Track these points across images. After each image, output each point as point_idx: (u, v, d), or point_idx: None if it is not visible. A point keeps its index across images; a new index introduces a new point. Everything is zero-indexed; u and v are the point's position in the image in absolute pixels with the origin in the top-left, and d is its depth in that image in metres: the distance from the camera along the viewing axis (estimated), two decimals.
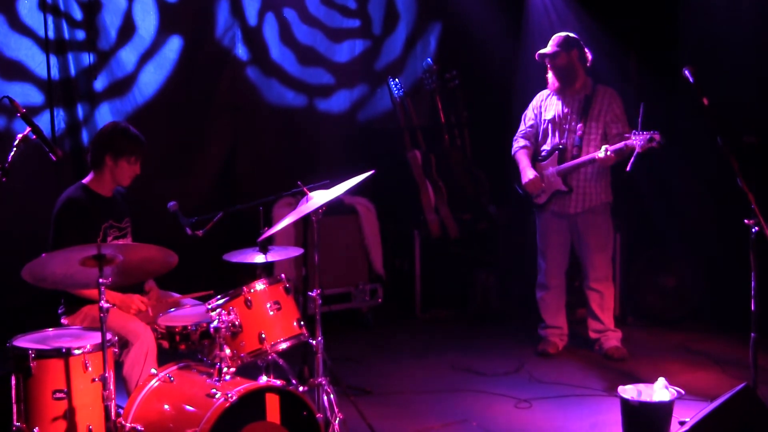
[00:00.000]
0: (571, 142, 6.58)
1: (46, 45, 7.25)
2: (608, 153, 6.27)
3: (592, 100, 6.56)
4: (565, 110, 6.63)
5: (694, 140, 7.82)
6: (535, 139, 6.82)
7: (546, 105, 6.75)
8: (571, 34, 6.63)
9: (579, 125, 6.55)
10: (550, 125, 6.69)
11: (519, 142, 6.87)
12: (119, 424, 4.40)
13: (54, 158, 4.52)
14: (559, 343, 6.92)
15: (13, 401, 4.37)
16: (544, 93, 6.80)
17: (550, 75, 6.67)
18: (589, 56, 6.61)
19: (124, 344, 4.85)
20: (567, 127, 6.60)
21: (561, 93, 6.66)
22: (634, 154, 6.15)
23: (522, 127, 6.89)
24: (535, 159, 6.77)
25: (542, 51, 6.62)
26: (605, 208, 6.72)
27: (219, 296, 4.68)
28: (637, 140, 6.14)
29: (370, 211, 8.01)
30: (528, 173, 6.71)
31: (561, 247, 6.81)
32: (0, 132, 7.07)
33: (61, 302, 5.14)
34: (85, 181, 5.24)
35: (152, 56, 7.74)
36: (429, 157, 8.38)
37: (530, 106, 6.88)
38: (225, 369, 4.46)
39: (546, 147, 6.71)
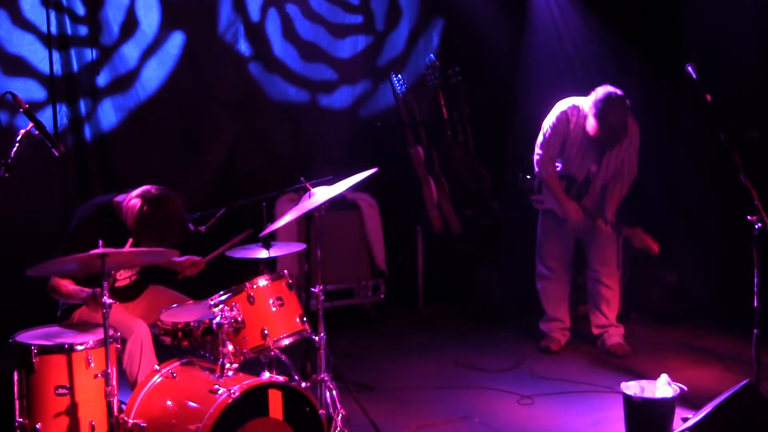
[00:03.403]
0: (582, 177, 6.51)
1: (48, 40, 7.26)
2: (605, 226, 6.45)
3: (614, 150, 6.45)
4: (586, 145, 6.45)
5: (696, 136, 7.82)
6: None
7: (571, 136, 6.45)
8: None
9: (593, 166, 6.49)
10: (568, 155, 6.52)
11: (548, 168, 6.53)
12: (122, 420, 4.40)
13: (57, 154, 4.52)
14: (561, 339, 6.90)
15: (16, 397, 4.38)
16: (570, 116, 6.43)
17: (595, 121, 6.28)
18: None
19: (122, 341, 4.84)
20: (584, 163, 6.50)
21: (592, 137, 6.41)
22: None
23: (547, 148, 6.52)
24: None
25: (625, 99, 6.29)
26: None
27: (221, 292, 4.68)
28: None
29: (372, 207, 8.01)
30: (569, 207, 6.51)
31: (562, 237, 6.77)
32: (2, 127, 7.07)
33: (59, 305, 5.10)
34: (117, 199, 4.94)
35: (155, 52, 7.74)
36: (431, 153, 8.37)
37: (554, 127, 6.46)
38: (228, 365, 4.46)
39: (561, 170, 6.58)
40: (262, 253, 5.02)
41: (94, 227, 4.82)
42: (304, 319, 4.83)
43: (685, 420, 4.76)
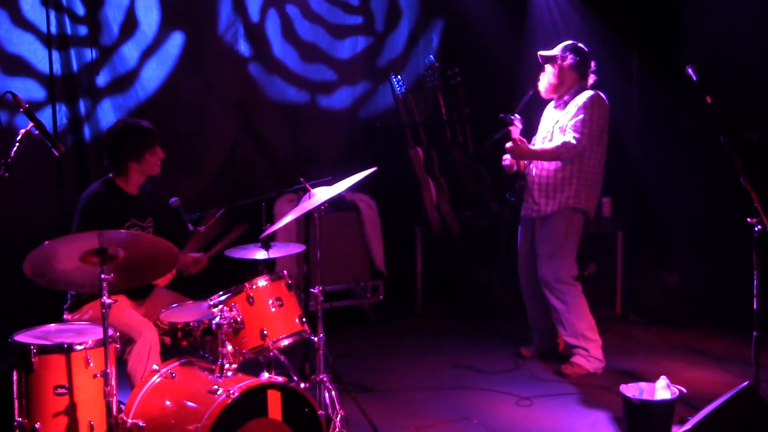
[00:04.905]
0: None
1: (48, 40, 7.25)
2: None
3: (562, 115, 6.31)
4: (547, 123, 6.45)
5: (696, 138, 7.82)
6: None
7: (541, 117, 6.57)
8: (580, 45, 6.34)
9: (547, 137, 6.38)
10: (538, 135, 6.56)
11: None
12: (121, 419, 4.40)
13: (56, 154, 4.52)
14: (542, 346, 6.75)
15: (15, 397, 4.36)
16: (551, 105, 6.54)
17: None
18: (592, 74, 6.31)
19: (127, 341, 4.85)
20: (543, 142, 6.45)
21: (555, 102, 6.45)
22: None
23: None
24: None
25: (542, 52, 6.40)
26: (565, 213, 6.32)
27: (221, 293, 4.68)
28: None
29: (371, 208, 8.01)
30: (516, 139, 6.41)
31: (526, 252, 6.56)
32: (2, 127, 7.06)
33: (67, 298, 5.13)
34: (111, 175, 5.22)
35: (154, 52, 7.74)
36: (431, 153, 8.38)
37: None
38: (227, 365, 4.46)
39: None
40: (261, 254, 5.02)
41: (100, 199, 5.06)
42: (304, 319, 4.82)
43: (683, 422, 4.75)
